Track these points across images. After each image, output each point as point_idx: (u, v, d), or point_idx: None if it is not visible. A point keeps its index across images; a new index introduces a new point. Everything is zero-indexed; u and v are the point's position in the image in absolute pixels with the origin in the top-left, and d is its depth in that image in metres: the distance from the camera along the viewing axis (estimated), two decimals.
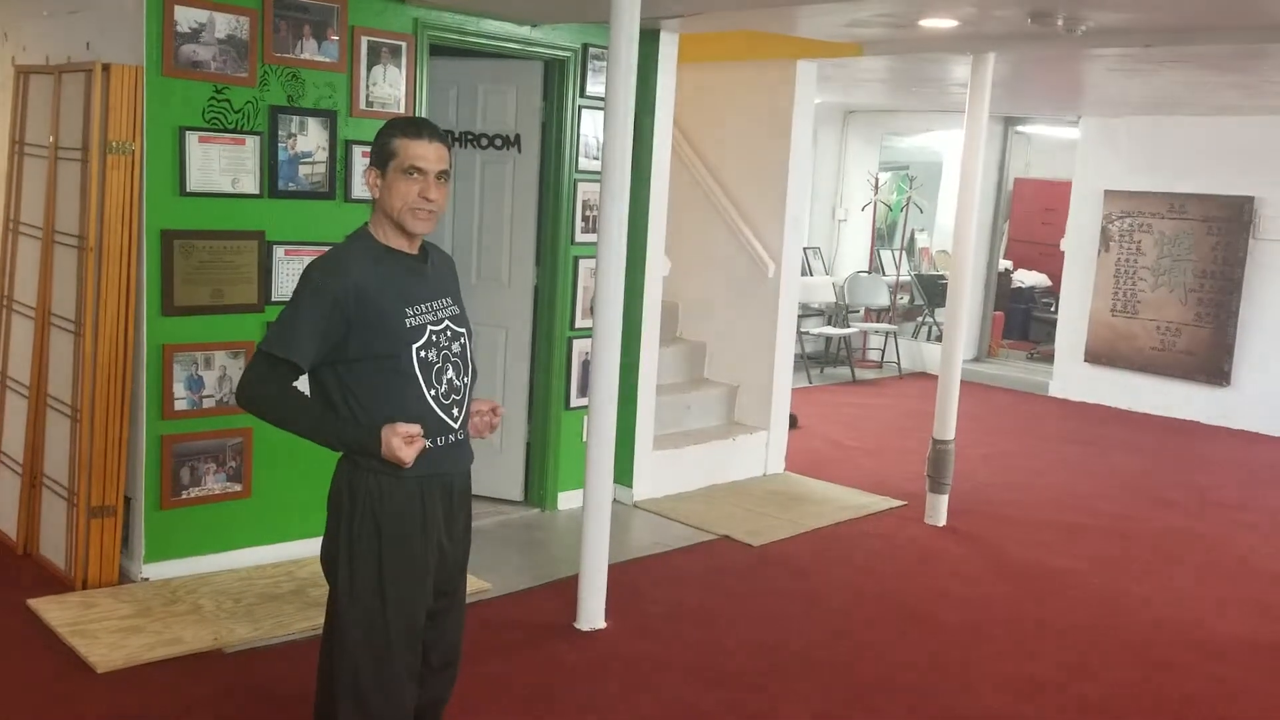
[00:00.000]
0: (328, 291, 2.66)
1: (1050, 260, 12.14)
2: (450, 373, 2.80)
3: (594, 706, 3.98)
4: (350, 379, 2.71)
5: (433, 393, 2.76)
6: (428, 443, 2.71)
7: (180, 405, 4.68)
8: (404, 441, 2.65)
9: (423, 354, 2.73)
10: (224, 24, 4.58)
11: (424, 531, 2.78)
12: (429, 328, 2.75)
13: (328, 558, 2.82)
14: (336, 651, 2.80)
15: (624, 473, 6.11)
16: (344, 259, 2.74)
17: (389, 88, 5.08)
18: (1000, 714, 4.11)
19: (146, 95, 4.47)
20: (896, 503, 6.62)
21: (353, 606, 2.76)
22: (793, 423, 7.72)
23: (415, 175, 2.72)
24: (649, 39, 5.86)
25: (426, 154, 2.73)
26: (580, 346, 5.95)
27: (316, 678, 2.94)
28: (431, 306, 2.78)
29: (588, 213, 5.86)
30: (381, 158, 2.75)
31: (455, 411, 2.82)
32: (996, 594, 5.32)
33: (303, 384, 2.76)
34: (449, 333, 2.81)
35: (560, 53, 5.70)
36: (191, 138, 4.57)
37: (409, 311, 2.72)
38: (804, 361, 10.53)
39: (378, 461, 2.69)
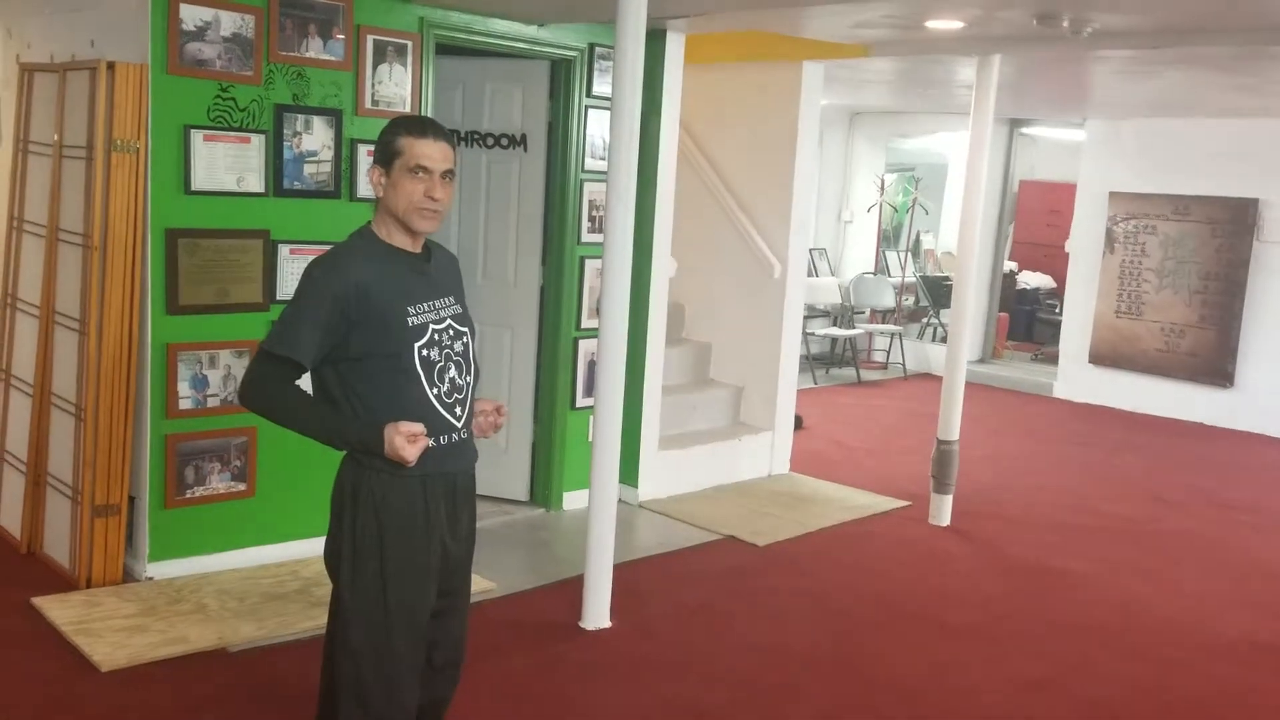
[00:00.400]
0: (329, 290, 2.64)
1: (1055, 262, 12.13)
2: (453, 371, 2.78)
3: (598, 706, 3.97)
4: (352, 377, 2.70)
5: (435, 391, 2.74)
6: (431, 441, 2.71)
7: (185, 404, 4.68)
8: (406, 440, 2.64)
9: (425, 353, 2.72)
10: (229, 22, 4.58)
11: (427, 530, 2.78)
12: (431, 326, 2.74)
13: (331, 556, 2.81)
14: (339, 650, 2.79)
15: (629, 473, 6.11)
16: (345, 257, 2.72)
17: (395, 87, 5.08)
18: (1004, 714, 4.10)
19: (151, 93, 4.47)
20: (901, 503, 6.61)
21: (355, 605, 2.75)
22: (798, 423, 7.71)
23: (421, 174, 2.70)
24: (655, 39, 5.85)
25: (432, 153, 2.71)
26: (586, 346, 5.94)
27: (320, 677, 2.94)
28: (434, 305, 2.77)
29: (594, 213, 5.86)
30: (386, 156, 2.72)
31: (458, 410, 2.80)
32: (1000, 594, 5.31)
33: (304, 382, 2.76)
34: (451, 331, 2.80)
35: (567, 52, 5.70)
36: (196, 136, 4.57)
37: (411, 310, 2.71)
38: (809, 362, 10.52)
39: (380, 460, 2.69)
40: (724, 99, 7.31)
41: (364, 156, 4.96)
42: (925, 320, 12.28)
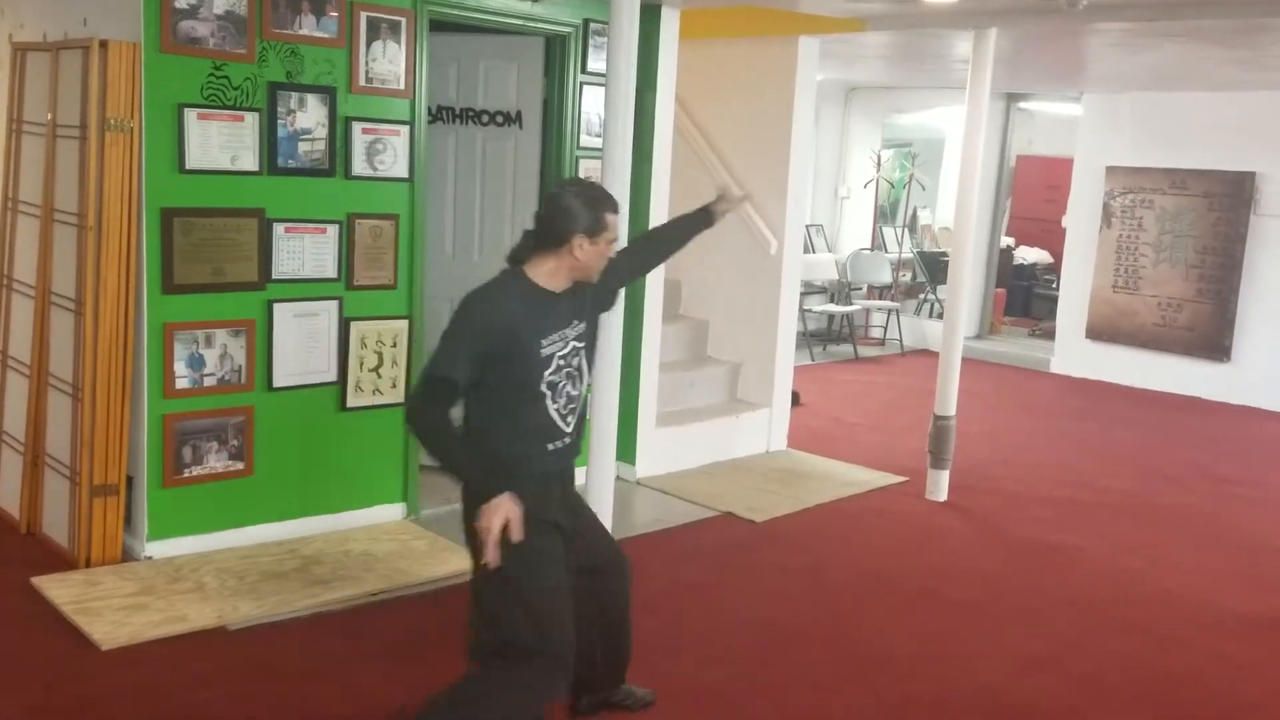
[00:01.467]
0: (485, 328, 3.05)
1: (1052, 237, 12.13)
2: (568, 386, 3.22)
3: None
4: (487, 396, 3.11)
5: (555, 407, 3.20)
6: (499, 527, 2.98)
7: (181, 384, 4.68)
8: (498, 519, 2.96)
9: (551, 378, 3.16)
10: None
11: (547, 512, 3.19)
12: (556, 355, 3.16)
13: (473, 548, 3.15)
14: (497, 618, 3.11)
15: (627, 450, 6.11)
16: (503, 301, 3.12)
17: (389, 64, 5.05)
18: (999, 689, 4.12)
19: (144, 72, 4.45)
20: (898, 479, 6.62)
21: (501, 583, 3.07)
22: (795, 400, 7.72)
23: (615, 242, 3.26)
24: (650, 15, 5.83)
25: None
26: None
27: (471, 608, 3.22)
28: (563, 334, 3.19)
29: None
30: (595, 230, 3.18)
31: (570, 419, 3.26)
32: (997, 569, 5.33)
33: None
34: (571, 349, 3.23)
35: (561, 28, 5.68)
36: (190, 115, 4.55)
37: (544, 344, 3.13)
38: (806, 339, 10.52)
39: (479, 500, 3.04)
40: (720, 75, 7.28)
41: (358, 134, 4.95)
42: (922, 296, 12.27)
